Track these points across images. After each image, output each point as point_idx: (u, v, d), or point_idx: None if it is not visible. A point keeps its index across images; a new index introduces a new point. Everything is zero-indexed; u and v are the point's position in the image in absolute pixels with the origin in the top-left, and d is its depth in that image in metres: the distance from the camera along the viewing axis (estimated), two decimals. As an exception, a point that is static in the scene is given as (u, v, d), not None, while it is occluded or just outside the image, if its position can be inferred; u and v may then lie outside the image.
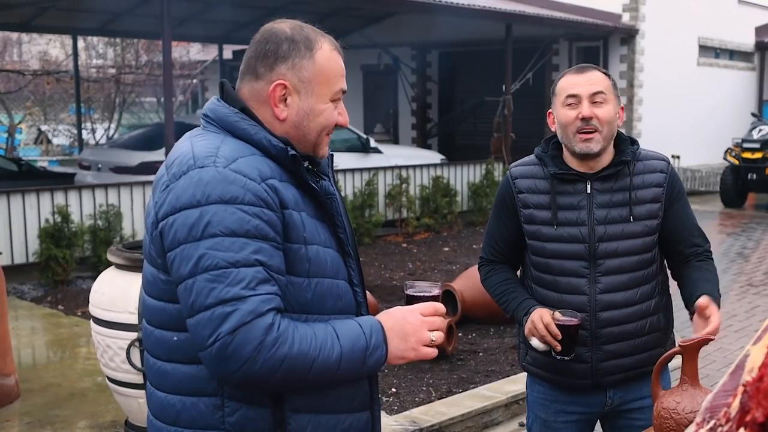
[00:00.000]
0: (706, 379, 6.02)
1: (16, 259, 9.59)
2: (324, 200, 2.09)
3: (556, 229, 2.93)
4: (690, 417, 2.24)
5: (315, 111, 2.07)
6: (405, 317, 2.02)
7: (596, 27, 17.31)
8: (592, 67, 2.96)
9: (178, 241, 1.89)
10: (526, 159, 3.11)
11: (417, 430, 5.05)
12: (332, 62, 2.08)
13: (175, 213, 1.91)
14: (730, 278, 10.23)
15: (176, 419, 2.01)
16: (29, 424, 5.33)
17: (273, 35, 2.07)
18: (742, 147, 16.57)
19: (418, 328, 2.01)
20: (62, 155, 24.91)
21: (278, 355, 1.84)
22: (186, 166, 1.95)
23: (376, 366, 1.98)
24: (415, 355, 2.01)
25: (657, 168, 3.01)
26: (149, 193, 10.15)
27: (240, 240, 1.87)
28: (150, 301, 2.06)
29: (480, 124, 19.39)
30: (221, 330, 1.81)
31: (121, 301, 4.30)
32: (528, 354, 3.10)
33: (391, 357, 1.99)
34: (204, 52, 25.94)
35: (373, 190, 12.73)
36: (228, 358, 1.82)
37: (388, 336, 1.98)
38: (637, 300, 2.96)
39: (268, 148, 2.00)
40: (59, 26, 17.24)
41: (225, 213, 1.87)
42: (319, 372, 1.89)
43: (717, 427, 1.13)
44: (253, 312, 1.83)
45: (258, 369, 1.83)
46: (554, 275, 2.95)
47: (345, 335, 1.94)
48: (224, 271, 1.84)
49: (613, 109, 2.90)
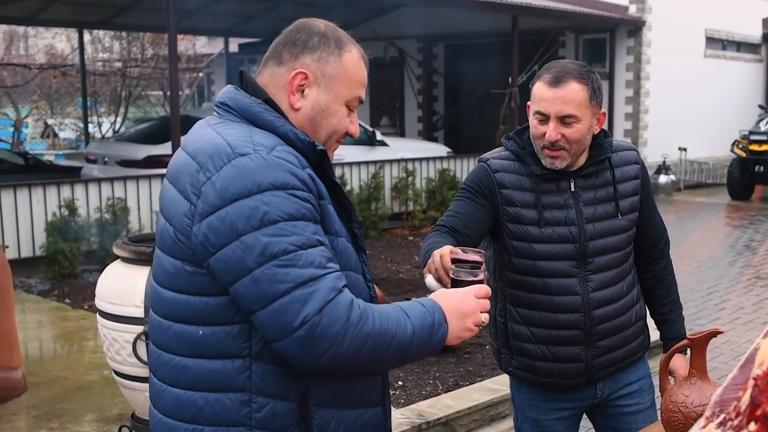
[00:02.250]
0: (713, 372, 6.02)
1: (22, 252, 9.61)
2: (344, 195, 2.08)
3: (543, 230, 2.85)
4: (699, 411, 2.22)
5: (330, 109, 2.05)
6: (462, 299, 2.02)
7: (603, 19, 17.25)
8: (571, 76, 2.74)
9: (236, 232, 1.82)
10: (500, 153, 2.94)
11: (424, 423, 5.04)
12: (357, 68, 2.07)
13: (226, 205, 1.84)
14: (737, 271, 10.21)
15: (196, 416, 1.95)
16: (36, 418, 5.34)
17: (307, 27, 2.07)
18: (749, 139, 16.53)
19: (474, 310, 2.02)
20: (69, 149, 24.93)
21: (364, 332, 1.82)
22: (225, 155, 1.88)
23: (439, 344, 1.97)
24: (469, 335, 2.03)
25: (631, 159, 2.97)
26: (156, 186, 10.29)
27: (300, 223, 1.84)
28: (169, 295, 1.98)
29: (486, 117, 19.40)
30: (307, 312, 1.77)
31: (128, 294, 4.30)
32: (514, 359, 3.01)
33: (451, 337, 1.99)
34: (210, 46, 25.96)
35: (379, 183, 12.73)
36: (316, 339, 1.78)
37: (448, 317, 1.98)
38: (624, 292, 2.95)
39: (294, 141, 1.96)
40: (65, 20, 17.28)
41: (280, 199, 1.84)
42: (396, 349, 1.88)
43: (727, 421, 1.12)
44: (333, 288, 1.81)
45: (345, 349, 1.80)
46: (543, 277, 2.86)
47: (413, 313, 1.93)
48: (294, 254, 1.81)
49: (584, 127, 2.76)
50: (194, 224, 1.88)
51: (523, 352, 2.98)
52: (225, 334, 1.91)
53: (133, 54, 24.16)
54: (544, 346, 2.92)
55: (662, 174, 17.32)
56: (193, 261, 1.91)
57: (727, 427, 1.11)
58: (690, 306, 8.41)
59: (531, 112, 2.82)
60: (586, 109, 2.76)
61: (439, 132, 21.00)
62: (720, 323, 7.69)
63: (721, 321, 7.85)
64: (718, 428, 1.13)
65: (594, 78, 2.81)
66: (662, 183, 17.13)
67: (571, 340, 2.89)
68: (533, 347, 2.94)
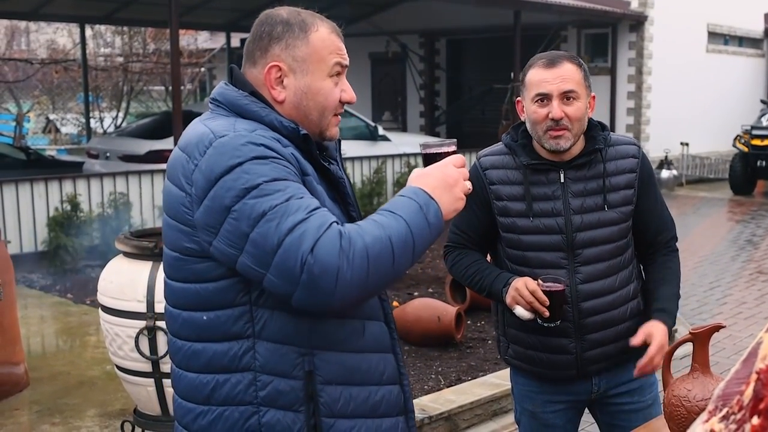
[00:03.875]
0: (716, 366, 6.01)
1: (25, 248, 9.62)
2: (336, 179, 2.11)
3: (532, 221, 2.88)
4: (701, 405, 2.22)
5: (312, 89, 2.07)
6: (444, 172, 2.02)
7: (605, 14, 17.22)
8: (564, 58, 2.85)
9: (225, 206, 1.88)
10: (494, 148, 3.04)
11: (426, 417, 5.05)
12: (328, 42, 2.08)
13: (213, 186, 1.90)
14: (739, 265, 10.21)
15: (209, 397, 2.02)
16: (38, 413, 5.35)
17: (269, 18, 2.10)
18: (751, 134, 16.53)
19: (458, 179, 2.02)
20: (70, 144, 24.89)
21: (359, 250, 1.83)
22: (207, 140, 1.95)
23: (437, 222, 1.96)
24: (462, 204, 2.03)
25: (629, 153, 2.97)
26: (158, 180, 10.28)
27: (282, 182, 1.88)
28: (176, 285, 2.07)
29: (488, 112, 19.35)
30: (301, 253, 1.80)
31: (130, 289, 4.30)
32: (510, 347, 3.07)
33: (446, 211, 1.99)
34: (212, 41, 25.91)
35: (381, 178, 12.73)
36: (319, 278, 1.80)
37: (436, 194, 1.98)
38: (617, 287, 2.94)
39: (279, 128, 2.01)
40: (66, 15, 17.24)
41: (259, 166, 1.89)
42: (400, 247, 1.88)
43: (730, 415, 1.12)
44: (321, 225, 1.83)
45: (351, 275, 1.81)
46: (532, 268, 2.89)
47: (398, 207, 1.94)
48: (279, 207, 1.84)
49: (583, 105, 2.83)
50: (194, 213, 1.95)
51: (517, 340, 3.03)
52: (227, 317, 1.99)
53: (135, 49, 24.13)
54: (535, 336, 2.96)
55: (664, 169, 17.31)
56: (199, 250, 1.97)
57: (730, 421, 1.11)
58: (692, 301, 8.41)
59: (528, 98, 2.86)
60: (583, 87, 2.84)
61: (441, 127, 20.97)
62: (722, 318, 7.68)
63: (724, 316, 7.84)
64: (721, 422, 1.13)
65: (582, 62, 2.91)
66: (664, 178, 17.12)
67: (560, 331, 2.90)
68: (525, 336, 2.99)
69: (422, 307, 6.59)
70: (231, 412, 2.00)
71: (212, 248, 1.93)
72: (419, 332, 6.47)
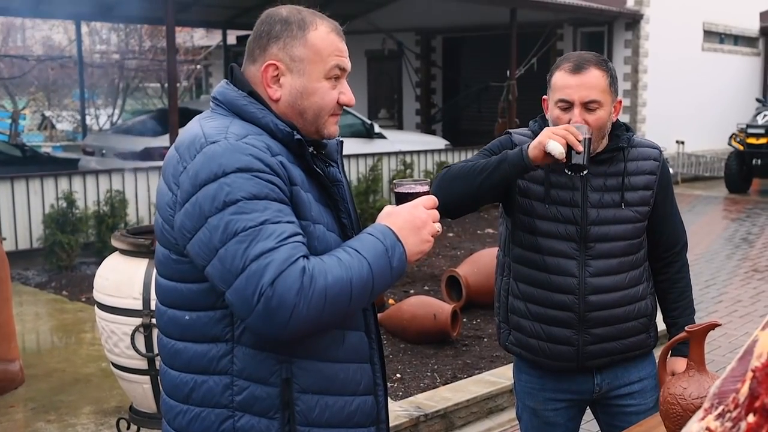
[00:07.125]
0: (711, 364, 6.01)
1: (20, 244, 9.60)
2: (328, 185, 2.10)
3: (548, 207, 2.89)
4: (697, 403, 2.23)
5: (308, 90, 2.07)
6: (412, 213, 2.03)
7: (601, 12, 17.25)
8: (591, 63, 2.81)
9: (204, 215, 1.89)
10: (524, 131, 3.04)
11: (422, 415, 5.05)
12: (327, 42, 2.08)
13: (197, 191, 1.91)
14: (734, 264, 10.22)
15: (188, 397, 2.04)
16: (34, 410, 5.34)
17: (269, 17, 2.10)
18: (746, 132, 16.55)
19: (426, 221, 2.03)
20: (66, 141, 24.85)
21: (318, 290, 1.83)
22: (198, 144, 1.96)
23: (400, 266, 1.98)
24: (428, 247, 2.04)
25: (650, 156, 3.00)
26: (154, 178, 10.28)
27: (262, 202, 1.88)
28: (163, 282, 2.09)
29: (484, 110, 19.37)
30: (262, 283, 1.81)
31: (126, 286, 4.29)
32: (511, 334, 3.06)
33: (410, 254, 2.00)
34: (208, 38, 25.89)
35: (377, 176, 12.73)
36: (275, 310, 1.81)
37: (402, 234, 1.99)
38: (627, 285, 2.95)
39: (274, 131, 2.02)
40: (62, 11, 17.19)
41: (242, 180, 1.89)
42: (359, 290, 1.90)
43: (725, 413, 1.12)
44: (287, 260, 1.83)
45: (307, 312, 1.83)
46: (543, 254, 2.91)
47: (364, 247, 1.95)
48: (252, 230, 1.85)
49: (605, 114, 2.82)
50: (176, 213, 1.97)
51: (519, 327, 3.02)
52: (208, 318, 2.00)
53: (131, 46, 24.13)
54: (538, 324, 2.96)
55: (660, 167, 17.31)
56: (177, 249, 2.00)
57: (725, 419, 1.11)
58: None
59: (552, 101, 2.87)
60: (607, 95, 2.83)
61: (438, 125, 20.98)
62: (717, 316, 7.69)
63: (719, 314, 7.86)
64: (716, 420, 1.13)
65: (610, 66, 2.90)
66: (660, 176, 17.12)
67: (564, 322, 2.91)
68: (528, 323, 2.99)
69: (418, 304, 6.60)
70: (207, 414, 2.02)
71: (185, 250, 1.96)
72: (415, 330, 6.47)
